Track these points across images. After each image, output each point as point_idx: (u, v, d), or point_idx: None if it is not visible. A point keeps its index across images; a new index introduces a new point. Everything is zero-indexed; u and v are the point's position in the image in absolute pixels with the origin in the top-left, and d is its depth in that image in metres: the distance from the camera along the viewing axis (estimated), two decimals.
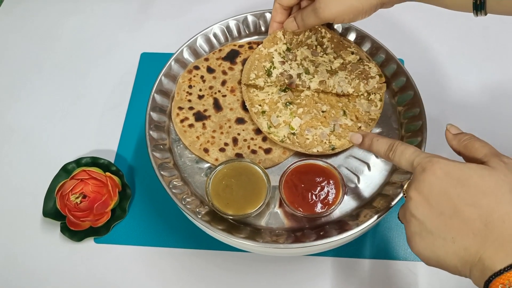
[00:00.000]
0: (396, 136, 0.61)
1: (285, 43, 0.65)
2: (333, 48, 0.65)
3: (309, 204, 0.53)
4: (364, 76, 0.62)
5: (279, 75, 0.62)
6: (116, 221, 0.65)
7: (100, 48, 0.85)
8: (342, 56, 0.64)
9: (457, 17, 0.60)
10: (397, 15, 0.85)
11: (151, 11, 0.90)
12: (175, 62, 0.66)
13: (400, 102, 0.63)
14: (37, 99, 0.79)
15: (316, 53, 0.65)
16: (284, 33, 0.64)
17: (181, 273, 0.62)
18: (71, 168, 0.68)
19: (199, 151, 0.60)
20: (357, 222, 0.52)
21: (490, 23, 0.83)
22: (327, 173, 0.55)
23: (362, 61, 0.64)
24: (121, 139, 0.73)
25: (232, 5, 0.87)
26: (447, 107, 0.75)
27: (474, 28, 0.84)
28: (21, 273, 0.63)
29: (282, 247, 0.51)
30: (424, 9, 0.60)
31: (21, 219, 0.67)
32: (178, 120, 0.62)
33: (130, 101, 0.77)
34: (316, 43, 0.65)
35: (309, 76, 0.62)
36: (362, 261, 0.62)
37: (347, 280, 0.61)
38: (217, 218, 0.55)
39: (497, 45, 0.82)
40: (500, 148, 0.70)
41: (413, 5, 0.55)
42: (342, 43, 0.65)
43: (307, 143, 0.59)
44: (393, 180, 0.57)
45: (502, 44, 0.82)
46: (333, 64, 0.64)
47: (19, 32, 0.88)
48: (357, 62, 0.64)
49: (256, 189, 0.54)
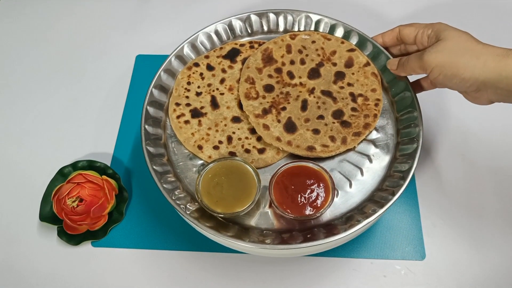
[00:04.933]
0: (392, 142, 0.61)
1: None
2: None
3: (298, 206, 0.53)
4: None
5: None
6: (113, 225, 0.65)
7: (95, 51, 0.85)
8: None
9: (455, 17, 0.59)
10: (397, 15, 0.84)
11: (147, 13, 0.90)
12: (175, 58, 0.66)
13: (398, 108, 0.62)
14: (32, 102, 0.79)
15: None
16: None
17: (178, 275, 0.62)
18: (67, 172, 0.68)
19: (193, 148, 0.60)
20: (345, 227, 0.52)
21: (489, 23, 0.82)
22: (318, 176, 0.54)
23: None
24: (117, 142, 0.73)
25: (229, 6, 0.87)
26: (445, 107, 0.74)
27: (473, 28, 0.82)
28: (19, 277, 0.63)
29: (268, 247, 0.51)
30: (422, 9, 0.59)
31: (18, 224, 0.67)
32: (174, 116, 0.62)
33: (126, 104, 0.77)
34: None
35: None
36: (361, 261, 0.62)
37: (347, 280, 0.61)
38: (206, 216, 0.55)
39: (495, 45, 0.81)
40: (499, 147, 0.70)
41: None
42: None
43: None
44: (385, 186, 0.56)
45: (501, 44, 0.81)
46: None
47: (13, 35, 0.88)
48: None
49: (246, 188, 0.54)
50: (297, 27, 0.70)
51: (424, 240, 0.63)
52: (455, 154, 0.70)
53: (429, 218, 0.64)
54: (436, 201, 0.66)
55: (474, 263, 0.61)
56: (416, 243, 0.62)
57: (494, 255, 0.61)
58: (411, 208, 0.65)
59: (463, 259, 0.61)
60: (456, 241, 0.63)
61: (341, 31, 0.68)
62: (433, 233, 0.63)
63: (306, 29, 0.70)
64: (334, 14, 0.70)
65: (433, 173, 0.68)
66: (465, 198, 0.66)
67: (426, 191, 0.66)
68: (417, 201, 0.65)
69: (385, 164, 0.59)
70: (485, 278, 0.60)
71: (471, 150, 0.70)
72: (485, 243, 0.62)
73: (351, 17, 0.75)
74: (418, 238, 0.63)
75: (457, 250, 0.62)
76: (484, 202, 0.65)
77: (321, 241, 0.50)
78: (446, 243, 0.62)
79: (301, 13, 0.70)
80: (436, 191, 0.66)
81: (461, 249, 0.62)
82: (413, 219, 0.64)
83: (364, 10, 0.88)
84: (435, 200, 0.66)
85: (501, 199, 0.66)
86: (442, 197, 0.66)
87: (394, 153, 0.59)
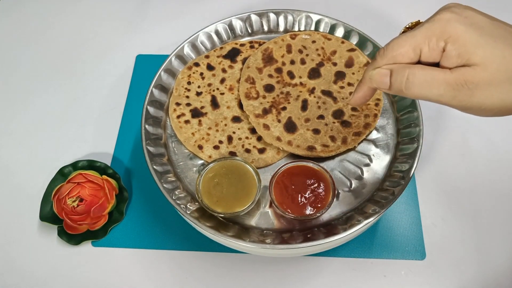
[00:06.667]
0: (392, 141, 0.61)
1: None
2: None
3: (298, 206, 0.53)
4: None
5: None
6: (114, 224, 0.65)
7: (95, 51, 0.85)
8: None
9: None
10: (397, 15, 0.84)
11: (147, 13, 0.90)
12: (176, 58, 0.66)
13: (398, 108, 0.62)
14: (32, 102, 0.79)
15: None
16: None
17: (179, 275, 0.62)
18: (67, 172, 0.67)
19: (193, 148, 0.60)
20: (345, 227, 0.52)
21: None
22: (318, 176, 0.54)
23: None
24: (118, 142, 0.73)
25: (229, 6, 0.87)
26: (445, 107, 0.74)
27: None
28: (19, 277, 0.63)
29: (269, 247, 0.51)
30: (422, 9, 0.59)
31: (18, 224, 0.66)
32: (174, 116, 0.62)
33: (126, 103, 0.77)
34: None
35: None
36: (361, 261, 0.62)
37: (347, 280, 0.61)
38: (207, 216, 0.55)
39: None
40: (499, 147, 0.70)
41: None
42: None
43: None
44: (385, 186, 0.56)
45: None
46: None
47: (13, 35, 0.88)
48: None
49: (247, 188, 0.54)
50: (298, 27, 0.70)
51: (424, 240, 0.63)
52: (455, 154, 0.70)
53: (429, 218, 0.64)
54: (436, 201, 0.66)
55: (474, 263, 0.61)
56: (416, 243, 0.62)
57: (494, 255, 0.61)
58: (411, 208, 0.65)
59: (463, 259, 0.61)
60: (456, 241, 0.63)
61: (341, 31, 0.68)
62: (433, 233, 0.63)
63: (307, 29, 0.70)
64: (334, 14, 0.70)
65: (433, 173, 0.68)
66: (465, 198, 0.66)
67: (426, 191, 0.66)
68: (417, 201, 0.65)
69: (385, 164, 0.59)
70: (485, 278, 0.60)
71: (471, 150, 0.70)
72: (485, 243, 0.62)
73: (352, 17, 0.75)
74: (418, 238, 0.63)
75: (457, 250, 0.62)
76: (484, 202, 0.65)
77: (321, 241, 0.50)
78: (446, 243, 0.62)
79: (301, 13, 0.70)
80: (436, 191, 0.66)
81: (461, 249, 0.62)
82: (413, 219, 0.64)
83: (364, 10, 0.88)
84: (435, 200, 0.66)
85: (501, 199, 0.66)
86: (442, 197, 0.66)
87: (394, 153, 0.59)
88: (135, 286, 0.61)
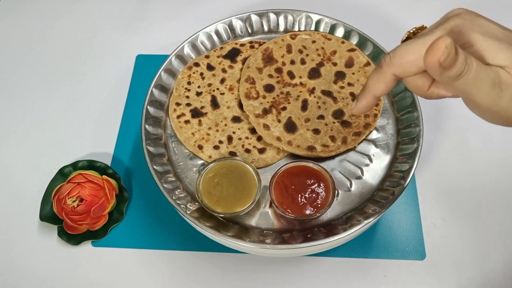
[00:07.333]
0: (392, 141, 0.61)
1: None
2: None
3: (298, 206, 0.53)
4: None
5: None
6: (114, 224, 0.65)
7: (95, 51, 0.85)
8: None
9: None
10: (398, 15, 0.84)
11: (147, 13, 0.90)
12: (176, 58, 0.66)
13: (398, 108, 0.62)
14: (32, 102, 0.79)
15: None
16: None
17: (179, 275, 0.62)
18: (67, 172, 0.67)
19: (193, 148, 0.60)
20: (345, 227, 0.52)
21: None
22: (318, 176, 0.54)
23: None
24: (118, 142, 0.73)
25: (230, 6, 0.87)
26: (445, 107, 0.74)
27: None
28: (19, 277, 0.62)
29: (269, 247, 0.51)
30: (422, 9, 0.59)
31: (18, 224, 0.66)
32: (174, 116, 0.62)
33: (126, 103, 0.77)
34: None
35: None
36: (361, 261, 0.62)
37: (347, 280, 0.61)
38: (207, 216, 0.55)
39: None
40: (499, 147, 0.69)
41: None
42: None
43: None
44: (385, 186, 0.56)
45: None
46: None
47: (13, 35, 0.88)
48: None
49: (247, 188, 0.54)
50: (298, 27, 0.70)
51: (424, 240, 0.63)
52: (455, 154, 0.70)
53: (429, 218, 0.64)
54: (436, 201, 0.66)
55: (474, 263, 0.61)
56: (416, 243, 0.62)
57: (494, 255, 0.61)
58: (411, 208, 0.65)
59: (463, 259, 0.61)
60: (456, 241, 0.63)
61: (341, 31, 0.68)
62: (433, 233, 0.63)
63: (307, 29, 0.70)
64: (334, 14, 0.70)
65: (433, 173, 0.68)
66: (465, 198, 0.66)
67: (426, 191, 0.66)
68: (417, 201, 0.65)
69: (386, 164, 0.59)
70: (485, 278, 0.60)
71: (471, 150, 0.70)
72: (485, 243, 0.62)
73: (352, 17, 0.75)
74: (418, 238, 0.63)
75: (457, 250, 0.62)
76: (484, 202, 0.65)
77: (321, 241, 0.50)
78: (446, 243, 0.62)
79: (301, 13, 0.70)
80: (436, 191, 0.66)
81: (461, 249, 0.62)
82: (413, 219, 0.64)
83: (364, 10, 0.88)
84: (435, 200, 0.66)
85: (501, 199, 0.66)
86: (442, 197, 0.66)
87: (394, 153, 0.59)
88: (135, 286, 0.61)
